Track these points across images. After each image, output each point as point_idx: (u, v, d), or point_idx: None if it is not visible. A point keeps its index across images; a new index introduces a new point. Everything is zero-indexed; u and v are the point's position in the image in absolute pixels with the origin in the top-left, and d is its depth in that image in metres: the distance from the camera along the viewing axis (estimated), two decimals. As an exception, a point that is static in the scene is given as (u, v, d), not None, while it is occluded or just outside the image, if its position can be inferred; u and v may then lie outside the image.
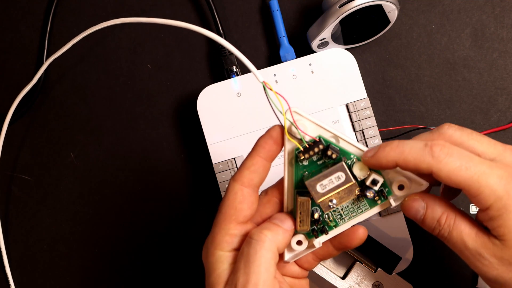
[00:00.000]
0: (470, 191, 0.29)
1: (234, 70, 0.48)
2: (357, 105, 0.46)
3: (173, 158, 0.50)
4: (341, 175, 0.31)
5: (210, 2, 0.49)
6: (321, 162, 0.32)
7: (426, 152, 0.30)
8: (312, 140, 0.31)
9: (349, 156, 0.32)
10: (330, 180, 0.31)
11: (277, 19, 0.48)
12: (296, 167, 0.32)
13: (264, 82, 0.31)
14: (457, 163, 0.29)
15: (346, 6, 0.43)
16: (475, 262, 0.31)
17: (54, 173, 0.50)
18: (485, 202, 0.29)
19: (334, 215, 0.34)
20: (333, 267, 0.41)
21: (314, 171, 0.32)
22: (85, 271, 0.50)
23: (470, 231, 0.31)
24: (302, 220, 0.32)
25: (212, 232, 0.32)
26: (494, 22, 0.49)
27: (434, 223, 0.32)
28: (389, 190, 0.33)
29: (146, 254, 0.49)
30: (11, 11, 0.52)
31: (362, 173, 0.32)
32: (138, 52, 0.51)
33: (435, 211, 0.32)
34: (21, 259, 0.50)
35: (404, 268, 0.45)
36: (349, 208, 0.33)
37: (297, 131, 0.31)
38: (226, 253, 0.32)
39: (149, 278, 0.49)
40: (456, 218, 0.32)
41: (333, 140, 0.32)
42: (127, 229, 0.50)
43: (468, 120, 0.49)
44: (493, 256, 0.30)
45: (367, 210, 0.34)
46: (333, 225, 0.34)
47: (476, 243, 0.31)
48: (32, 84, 0.47)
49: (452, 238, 0.32)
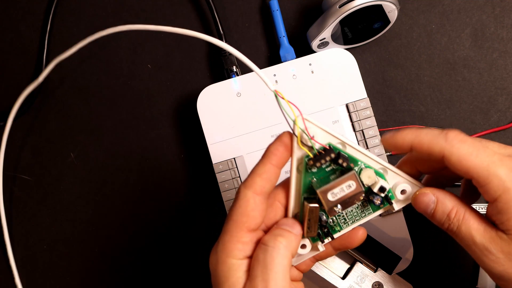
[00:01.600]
0: (479, 179, 0.30)
1: (234, 70, 0.48)
2: (357, 105, 0.46)
3: (173, 158, 0.50)
4: (352, 184, 0.32)
5: (210, 2, 0.49)
6: (329, 168, 0.33)
7: (441, 136, 0.31)
8: (322, 147, 0.32)
9: (357, 163, 0.33)
10: (341, 188, 0.32)
11: (277, 19, 0.48)
12: (304, 174, 0.32)
13: (276, 90, 0.31)
14: (469, 150, 0.30)
15: (346, 6, 0.43)
16: (482, 257, 0.31)
17: (54, 173, 0.50)
18: (493, 193, 0.30)
19: (339, 219, 0.34)
20: (333, 267, 0.41)
21: (323, 177, 0.33)
22: (85, 271, 0.50)
23: (479, 226, 0.31)
24: (310, 226, 0.33)
25: (222, 240, 0.32)
26: (494, 22, 0.49)
27: (444, 217, 0.32)
28: (392, 195, 0.34)
29: (146, 254, 0.49)
30: (11, 11, 0.52)
31: (370, 180, 0.33)
32: (138, 52, 0.51)
33: (445, 206, 0.32)
34: (21, 259, 0.50)
35: (404, 268, 0.45)
36: (353, 213, 0.34)
37: (308, 139, 0.31)
38: (239, 261, 0.31)
39: (149, 278, 0.49)
40: (465, 213, 0.32)
41: (340, 147, 0.33)
42: (127, 229, 0.50)
43: (468, 120, 0.49)
44: (500, 251, 0.30)
45: (370, 214, 0.34)
46: (337, 229, 0.34)
47: (483, 238, 0.31)
48: (36, 84, 0.47)
49: (460, 233, 0.32)
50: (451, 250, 0.48)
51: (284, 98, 0.31)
